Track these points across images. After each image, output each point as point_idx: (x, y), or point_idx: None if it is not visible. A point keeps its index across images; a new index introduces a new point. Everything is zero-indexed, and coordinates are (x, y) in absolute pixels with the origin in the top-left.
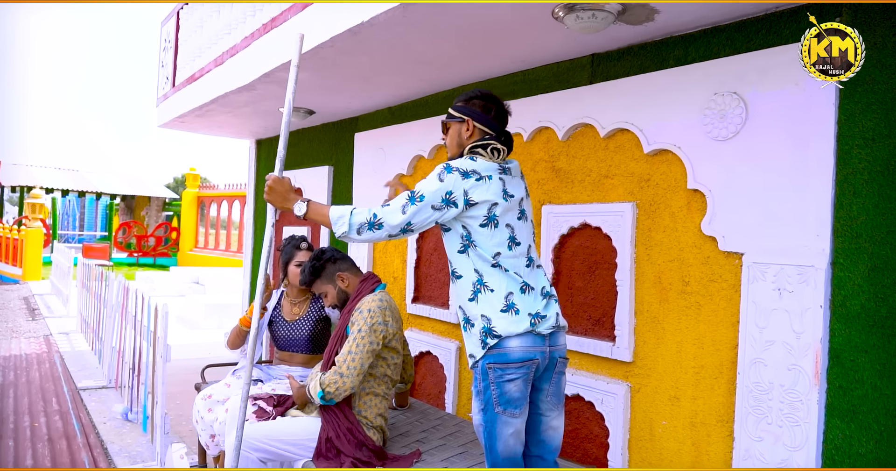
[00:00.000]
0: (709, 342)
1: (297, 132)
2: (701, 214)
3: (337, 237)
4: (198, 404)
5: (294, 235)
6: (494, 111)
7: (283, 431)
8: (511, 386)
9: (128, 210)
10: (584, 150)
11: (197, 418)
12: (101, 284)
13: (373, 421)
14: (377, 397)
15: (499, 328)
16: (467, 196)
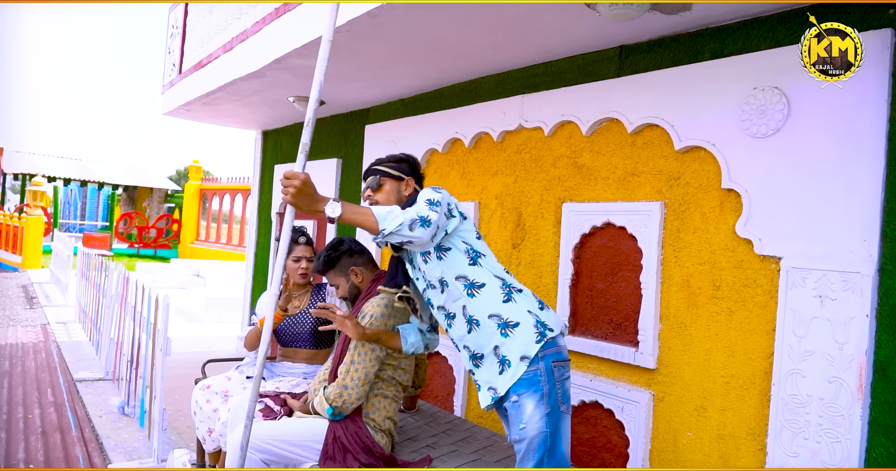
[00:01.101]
0: (740, 351)
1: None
2: (735, 216)
3: (383, 235)
4: (196, 395)
5: (295, 227)
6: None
7: (288, 431)
8: (568, 384)
9: (129, 201)
10: (610, 145)
11: (195, 408)
12: (100, 274)
13: (381, 424)
14: (385, 399)
15: (550, 323)
16: (459, 209)
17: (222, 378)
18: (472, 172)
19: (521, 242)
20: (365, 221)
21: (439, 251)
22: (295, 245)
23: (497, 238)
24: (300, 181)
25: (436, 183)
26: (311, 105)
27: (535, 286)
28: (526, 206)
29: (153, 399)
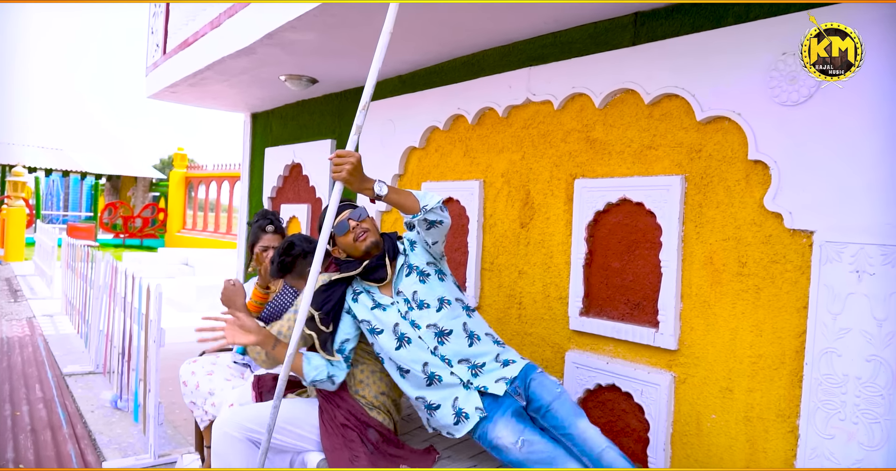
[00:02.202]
0: (769, 329)
1: (296, 104)
2: (762, 188)
3: (424, 212)
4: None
5: (266, 211)
6: None
7: (281, 417)
8: None
9: (113, 190)
10: (625, 118)
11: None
12: (87, 265)
13: (373, 401)
14: (374, 373)
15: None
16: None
17: (212, 357)
18: (475, 149)
19: (529, 221)
20: (407, 199)
21: (440, 274)
22: (262, 234)
23: (504, 218)
24: (355, 159)
25: (437, 162)
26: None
27: (546, 267)
28: (534, 183)
29: (147, 393)
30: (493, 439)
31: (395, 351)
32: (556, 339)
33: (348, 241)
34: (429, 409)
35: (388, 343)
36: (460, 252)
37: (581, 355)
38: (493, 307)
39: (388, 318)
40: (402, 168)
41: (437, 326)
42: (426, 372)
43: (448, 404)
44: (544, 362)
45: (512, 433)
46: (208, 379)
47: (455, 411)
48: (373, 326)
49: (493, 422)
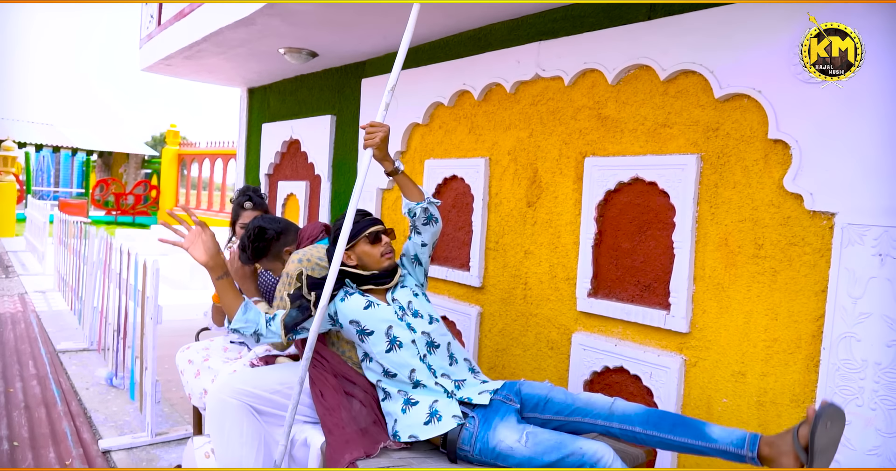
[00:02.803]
0: (784, 313)
1: (294, 79)
2: (782, 168)
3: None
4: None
5: (246, 187)
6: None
7: (273, 376)
8: None
9: (105, 167)
10: (638, 95)
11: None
12: (80, 241)
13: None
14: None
15: None
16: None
17: (205, 342)
18: (481, 126)
19: (536, 200)
20: (415, 185)
21: (426, 298)
22: (241, 211)
23: (510, 196)
24: (386, 129)
25: (441, 139)
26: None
27: (553, 247)
28: (542, 161)
29: (144, 370)
30: (497, 445)
31: (386, 353)
32: (563, 320)
33: (375, 253)
34: (406, 403)
35: (379, 345)
36: (464, 231)
37: (588, 336)
38: (498, 287)
39: (382, 316)
40: (404, 145)
41: (430, 336)
42: (412, 379)
43: (426, 403)
44: (550, 343)
45: (514, 432)
46: (206, 366)
47: (430, 411)
48: (363, 326)
49: (493, 428)
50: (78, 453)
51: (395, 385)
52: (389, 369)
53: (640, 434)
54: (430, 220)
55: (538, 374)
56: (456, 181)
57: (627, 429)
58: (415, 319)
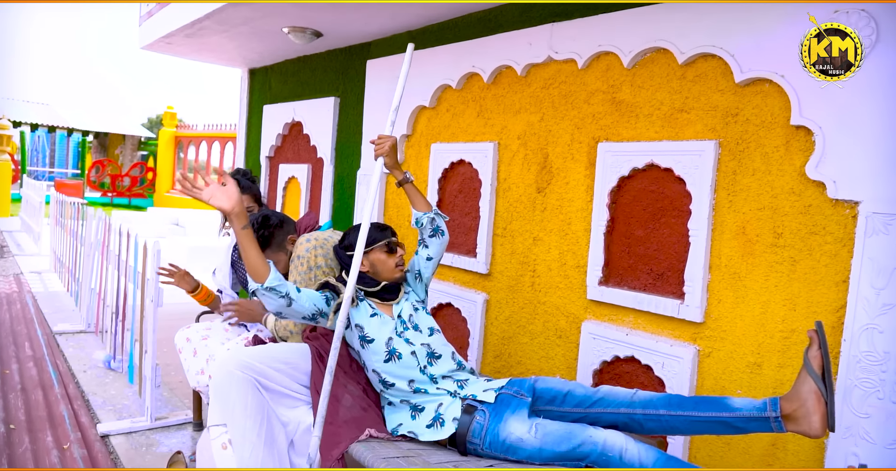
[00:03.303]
0: (803, 304)
1: (297, 60)
2: (803, 156)
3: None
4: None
5: (237, 170)
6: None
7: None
8: None
9: (101, 148)
10: (655, 79)
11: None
12: (77, 222)
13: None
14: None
15: None
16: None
17: (207, 323)
18: (490, 109)
19: (546, 185)
20: (422, 196)
21: (427, 312)
22: None
23: (519, 182)
24: (394, 140)
25: (448, 122)
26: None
27: (563, 234)
28: (553, 146)
29: (144, 354)
30: (507, 438)
31: (384, 363)
32: (572, 308)
33: (390, 263)
34: (413, 409)
35: (377, 355)
36: (470, 217)
37: (598, 325)
38: (505, 274)
39: (384, 329)
40: (410, 128)
41: (430, 347)
42: (412, 387)
43: (432, 408)
44: (558, 331)
45: (524, 424)
46: (204, 344)
47: (434, 415)
48: (365, 333)
49: (503, 421)
50: (76, 437)
51: (396, 395)
52: (387, 379)
53: (665, 416)
54: (436, 232)
55: (546, 363)
56: (463, 166)
57: (651, 413)
58: (415, 333)
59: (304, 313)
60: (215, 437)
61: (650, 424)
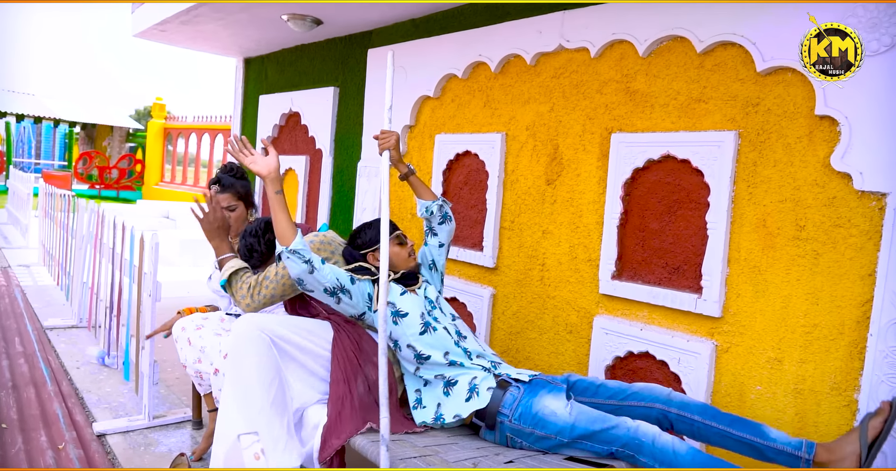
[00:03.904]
0: (827, 298)
1: (294, 49)
2: (827, 146)
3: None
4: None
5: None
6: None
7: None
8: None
9: (88, 140)
10: (671, 68)
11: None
12: (67, 214)
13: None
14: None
15: None
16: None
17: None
18: (497, 100)
19: (556, 177)
20: (427, 187)
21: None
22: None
23: (528, 173)
24: (397, 135)
25: (453, 113)
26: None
27: (574, 227)
28: (564, 137)
29: (141, 350)
30: (540, 410)
31: (419, 336)
32: (584, 303)
33: (403, 253)
34: (447, 385)
35: (413, 327)
36: (476, 210)
37: (611, 320)
38: (513, 268)
39: (416, 304)
40: (414, 119)
41: (456, 326)
42: (447, 359)
43: (466, 381)
44: (568, 326)
45: (559, 401)
46: (198, 334)
47: (470, 387)
48: (398, 308)
49: (538, 396)
50: (71, 437)
51: (431, 370)
52: (423, 351)
53: (698, 423)
54: (445, 218)
55: (555, 358)
56: (469, 157)
57: (686, 416)
58: (440, 314)
59: (326, 285)
60: (247, 446)
61: (681, 425)
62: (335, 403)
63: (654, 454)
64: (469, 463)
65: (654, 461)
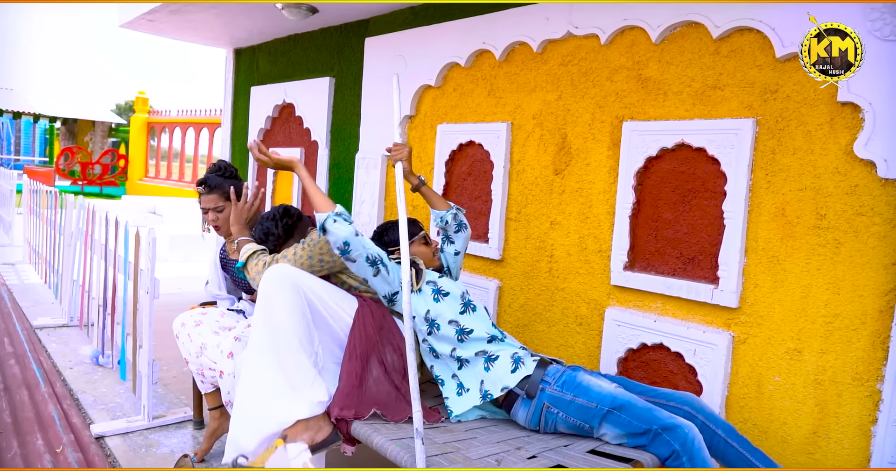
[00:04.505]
0: (848, 287)
1: (287, 39)
2: (850, 133)
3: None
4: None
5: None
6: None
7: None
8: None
9: (69, 135)
10: (685, 55)
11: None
12: (55, 210)
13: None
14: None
15: None
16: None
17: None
18: (502, 88)
19: (565, 167)
20: (439, 196)
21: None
22: (200, 195)
23: (534, 163)
24: (409, 148)
25: (455, 102)
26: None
27: (583, 217)
28: (573, 126)
29: (139, 349)
30: (585, 380)
31: (461, 314)
32: (594, 294)
33: (428, 252)
34: (487, 360)
35: (453, 306)
36: (481, 201)
37: (623, 312)
38: (519, 260)
39: (456, 284)
40: (414, 109)
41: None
42: (488, 335)
43: (507, 355)
44: (578, 319)
45: (603, 379)
46: (197, 331)
47: (513, 359)
48: (439, 286)
49: (580, 371)
50: (69, 440)
51: (471, 346)
52: (466, 326)
53: (720, 438)
54: (461, 226)
55: (565, 351)
56: (473, 147)
57: (710, 428)
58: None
59: (370, 252)
60: (294, 455)
61: (704, 433)
62: (347, 377)
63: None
64: (492, 460)
65: (685, 455)
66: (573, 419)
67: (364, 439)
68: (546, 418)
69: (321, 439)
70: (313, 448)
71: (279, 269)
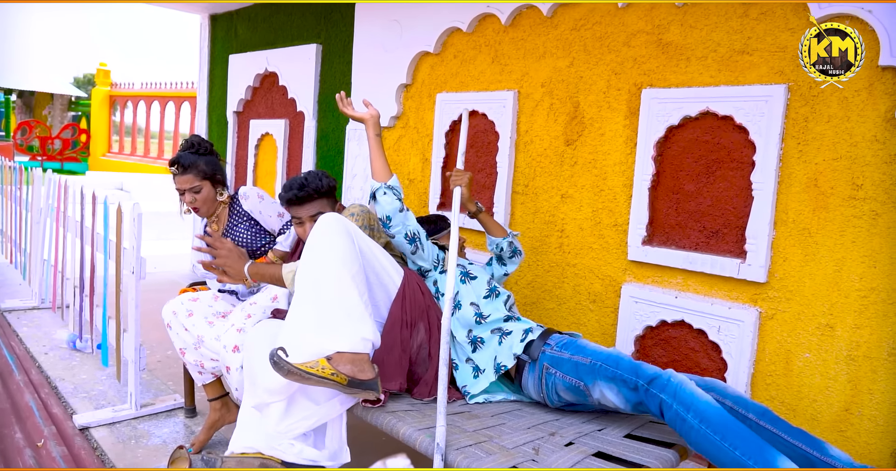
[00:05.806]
0: (885, 260)
1: (268, 4)
2: (890, 99)
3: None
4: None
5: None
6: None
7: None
8: None
9: (26, 108)
10: (710, 17)
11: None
12: (20, 186)
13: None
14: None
15: None
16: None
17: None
18: (507, 55)
19: (577, 137)
20: (497, 222)
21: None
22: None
23: (543, 134)
24: (471, 175)
25: (456, 70)
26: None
27: (597, 190)
28: (586, 94)
29: (122, 333)
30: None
31: (483, 299)
32: (609, 270)
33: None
34: (502, 336)
35: (479, 290)
36: (485, 173)
37: (642, 288)
38: (527, 235)
39: (484, 270)
40: (410, 77)
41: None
42: (505, 315)
43: (520, 328)
44: (592, 296)
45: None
46: (191, 322)
47: (524, 331)
48: (467, 270)
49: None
50: (51, 432)
51: (487, 326)
52: (484, 310)
53: (753, 422)
54: (515, 252)
55: (577, 329)
56: (475, 117)
57: (739, 412)
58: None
59: (410, 228)
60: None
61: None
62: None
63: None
64: (529, 448)
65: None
66: (569, 378)
67: (388, 429)
68: (546, 380)
69: (362, 379)
70: (351, 384)
71: (332, 216)
